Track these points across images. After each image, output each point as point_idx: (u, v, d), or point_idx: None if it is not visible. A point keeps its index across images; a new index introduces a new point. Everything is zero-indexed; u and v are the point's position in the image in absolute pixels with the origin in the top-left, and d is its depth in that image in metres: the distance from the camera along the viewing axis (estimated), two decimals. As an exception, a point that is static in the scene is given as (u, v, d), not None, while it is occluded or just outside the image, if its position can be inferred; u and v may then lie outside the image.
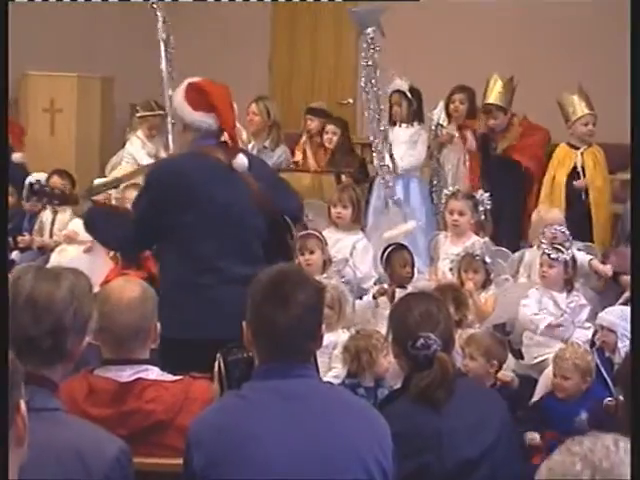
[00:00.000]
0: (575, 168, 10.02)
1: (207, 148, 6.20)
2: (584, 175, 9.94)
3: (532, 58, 12.06)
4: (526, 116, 10.49)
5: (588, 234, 9.56)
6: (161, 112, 11.11)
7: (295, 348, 3.92)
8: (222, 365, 5.01)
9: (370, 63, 10.13)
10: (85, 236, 9.42)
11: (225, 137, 6.27)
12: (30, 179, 10.37)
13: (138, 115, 11.65)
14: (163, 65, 10.51)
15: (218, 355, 5.07)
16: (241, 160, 5.94)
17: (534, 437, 6.54)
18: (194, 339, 5.72)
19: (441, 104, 10.69)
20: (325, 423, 3.82)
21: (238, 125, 9.17)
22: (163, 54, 10.46)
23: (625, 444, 2.35)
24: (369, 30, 10.06)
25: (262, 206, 6.15)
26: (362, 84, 10.20)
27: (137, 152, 11.52)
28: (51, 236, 10.16)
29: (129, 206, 6.83)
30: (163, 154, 10.74)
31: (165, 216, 6.03)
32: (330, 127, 11.57)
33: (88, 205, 6.45)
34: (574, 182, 10.14)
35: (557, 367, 6.90)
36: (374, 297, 8.38)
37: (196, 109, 6.14)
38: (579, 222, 9.42)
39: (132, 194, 7.54)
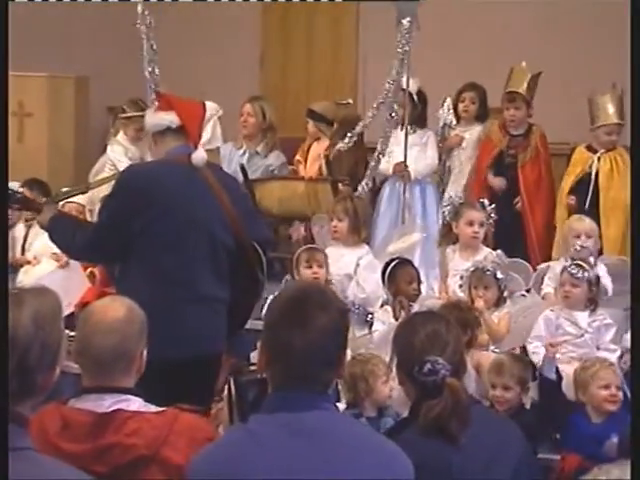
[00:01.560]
0: (590, 174, 9.96)
1: (181, 157, 6.34)
2: (596, 181, 9.87)
3: (542, 56, 12.04)
4: (544, 134, 10.45)
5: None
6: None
7: (313, 376, 3.87)
8: (233, 387, 5.05)
9: (403, 55, 10.29)
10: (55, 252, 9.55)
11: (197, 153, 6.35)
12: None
13: (124, 115, 11.62)
14: (145, 64, 10.50)
15: (229, 376, 5.13)
16: (197, 156, 6.00)
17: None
18: (161, 360, 5.42)
19: (448, 103, 10.62)
20: (345, 465, 3.75)
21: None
22: (146, 52, 10.46)
23: None
24: (405, 21, 10.20)
25: (232, 225, 6.27)
26: (394, 74, 10.29)
27: (119, 158, 11.51)
28: (23, 252, 10.14)
29: None
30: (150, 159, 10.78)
31: (132, 223, 6.14)
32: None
33: (52, 213, 6.66)
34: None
35: (583, 391, 6.93)
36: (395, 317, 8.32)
37: (156, 111, 6.47)
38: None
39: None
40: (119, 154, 11.55)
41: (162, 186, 6.24)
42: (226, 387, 6.02)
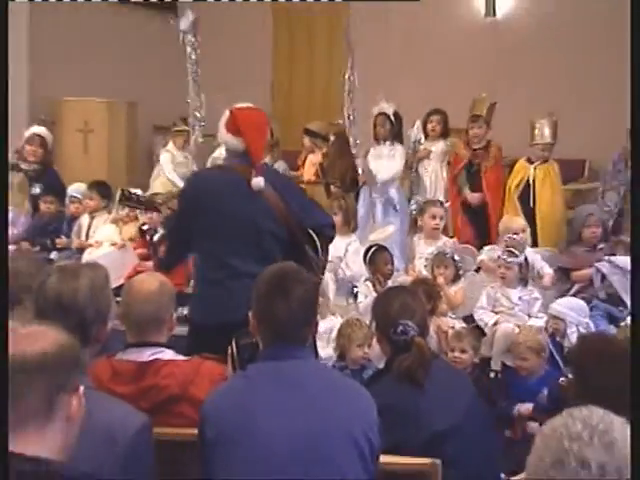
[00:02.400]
0: (529, 180, 9.99)
1: (234, 164, 6.26)
2: (534, 187, 9.89)
3: (500, 84, 12.03)
4: (500, 148, 10.48)
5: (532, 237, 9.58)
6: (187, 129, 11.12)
7: (293, 334, 3.98)
8: (234, 348, 5.09)
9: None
10: (115, 239, 9.64)
11: (255, 157, 6.26)
12: (72, 193, 10.50)
13: (176, 129, 11.62)
14: (190, 87, 10.50)
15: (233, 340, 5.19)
16: (256, 182, 5.99)
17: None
18: (211, 323, 5.81)
19: (418, 124, 10.66)
20: (318, 401, 3.83)
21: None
22: (191, 77, 10.47)
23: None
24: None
25: (281, 217, 6.18)
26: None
27: (166, 165, 11.61)
28: (87, 238, 10.16)
29: None
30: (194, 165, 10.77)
31: (193, 220, 6.11)
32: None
33: (166, 213, 6.86)
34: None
35: (514, 351, 6.96)
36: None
37: (227, 131, 6.25)
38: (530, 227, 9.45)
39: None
40: (167, 161, 11.60)
41: (215, 191, 6.17)
42: (229, 347, 6.12)
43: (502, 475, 5.05)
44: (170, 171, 11.51)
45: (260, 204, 6.12)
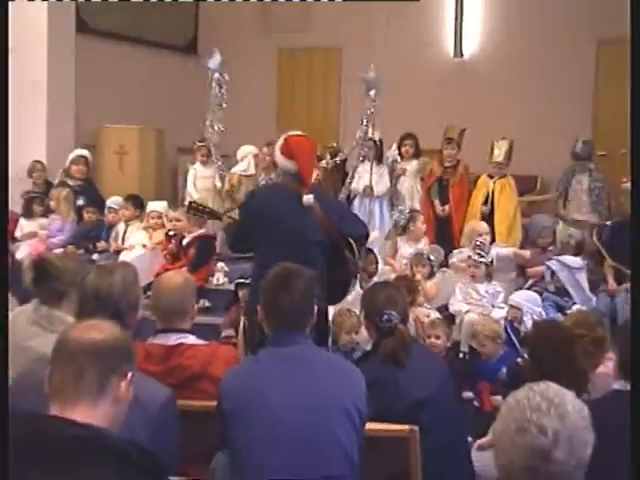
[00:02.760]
0: (489, 192, 9.98)
1: (287, 183, 6.43)
2: (493, 197, 9.90)
3: (467, 113, 12.04)
4: (467, 167, 10.49)
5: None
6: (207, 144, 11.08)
7: (295, 322, 4.02)
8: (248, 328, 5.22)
9: (369, 114, 10.36)
10: (146, 243, 9.68)
11: (305, 177, 6.44)
12: (110, 205, 10.53)
13: (200, 144, 11.56)
14: (215, 117, 10.50)
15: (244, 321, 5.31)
16: (306, 199, 6.15)
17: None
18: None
19: (394, 146, 10.69)
20: (316, 379, 3.88)
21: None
22: (216, 108, 10.46)
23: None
24: (371, 92, 10.34)
25: (324, 227, 6.31)
26: (363, 127, 10.33)
27: (188, 180, 11.60)
28: (122, 242, 10.17)
29: None
30: (218, 180, 10.73)
31: (252, 227, 6.28)
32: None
33: (227, 221, 6.99)
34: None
35: (475, 338, 6.98)
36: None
37: (282, 155, 6.40)
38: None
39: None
40: (190, 176, 11.57)
41: (272, 205, 6.30)
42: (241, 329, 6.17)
43: (469, 439, 5.06)
44: (190, 185, 11.48)
45: (308, 217, 6.27)
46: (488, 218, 9.69)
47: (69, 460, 2.42)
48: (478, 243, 8.45)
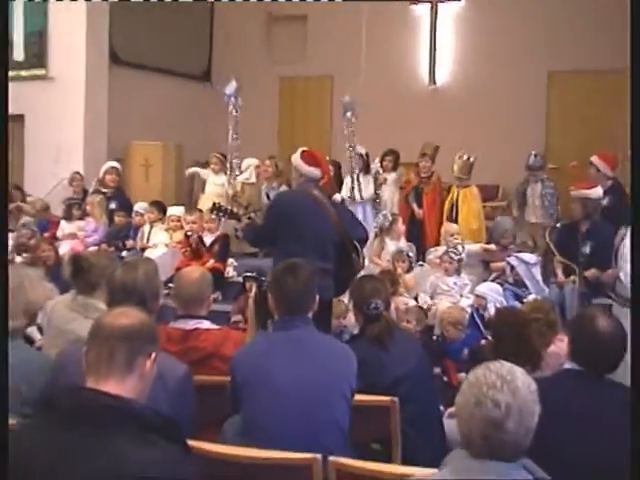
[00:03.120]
0: (454, 199, 10.01)
1: (308, 187, 6.48)
2: (457, 204, 9.92)
3: (440, 132, 12.04)
4: (439, 177, 10.50)
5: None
6: (222, 156, 11.08)
7: (299, 309, 4.04)
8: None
9: (346, 133, 10.36)
10: (167, 242, 9.65)
11: (322, 182, 6.66)
12: (138, 209, 10.52)
13: (216, 155, 11.48)
14: (230, 135, 10.51)
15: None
16: (337, 197, 6.29)
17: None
18: None
19: (377, 160, 10.68)
20: (315, 357, 3.88)
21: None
22: (230, 128, 10.49)
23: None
24: (348, 114, 10.33)
25: (337, 229, 6.37)
26: (347, 145, 10.32)
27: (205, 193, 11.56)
28: (147, 241, 10.16)
29: None
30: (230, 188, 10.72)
31: (277, 226, 6.28)
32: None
33: (246, 221, 6.80)
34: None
35: (440, 324, 6.97)
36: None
37: (307, 164, 6.52)
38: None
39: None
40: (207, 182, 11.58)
41: (293, 207, 6.37)
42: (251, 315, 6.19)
43: (441, 408, 5.06)
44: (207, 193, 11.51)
45: (326, 219, 6.34)
46: (453, 221, 9.69)
47: (102, 425, 2.45)
48: (453, 243, 8.47)
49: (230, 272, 9.38)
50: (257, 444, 3.56)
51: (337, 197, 6.31)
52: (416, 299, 7.99)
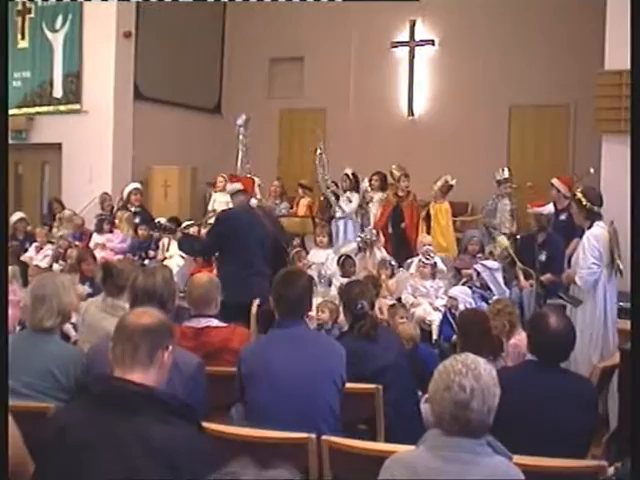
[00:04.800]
0: (429, 214, 10.03)
1: (245, 205, 6.69)
2: (429, 219, 9.98)
3: (417, 158, 12.04)
4: (415, 195, 10.48)
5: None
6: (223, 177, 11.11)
7: (296, 310, 4.01)
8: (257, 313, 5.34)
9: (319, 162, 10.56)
10: (180, 253, 9.61)
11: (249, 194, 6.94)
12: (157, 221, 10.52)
13: (221, 176, 11.53)
14: (240, 159, 10.57)
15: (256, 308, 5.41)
16: (253, 201, 6.74)
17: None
18: (237, 302, 5.76)
19: (365, 180, 10.64)
20: (311, 352, 3.88)
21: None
22: (240, 153, 10.57)
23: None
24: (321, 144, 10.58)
25: (271, 238, 6.51)
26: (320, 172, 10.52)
27: (210, 204, 11.60)
28: (166, 251, 10.12)
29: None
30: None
31: (223, 239, 6.34)
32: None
33: (180, 235, 7.00)
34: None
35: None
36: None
37: (232, 182, 6.93)
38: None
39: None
40: (211, 202, 11.58)
41: (237, 220, 6.45)
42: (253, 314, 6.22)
43: (419, 393, 5.05)
44: (211, 205, 11.60)
45: (264, 230, 6.50)
46: (428, 233, 9.65)
47: (129, 408, 2.49)
48: (425, 250, 8.45)
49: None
50: (258, 426, 3.55)
51: (253, 202, 6.52)
52: (399, 300, 7.96)
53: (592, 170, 9.30)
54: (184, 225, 8.84)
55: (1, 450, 2.57)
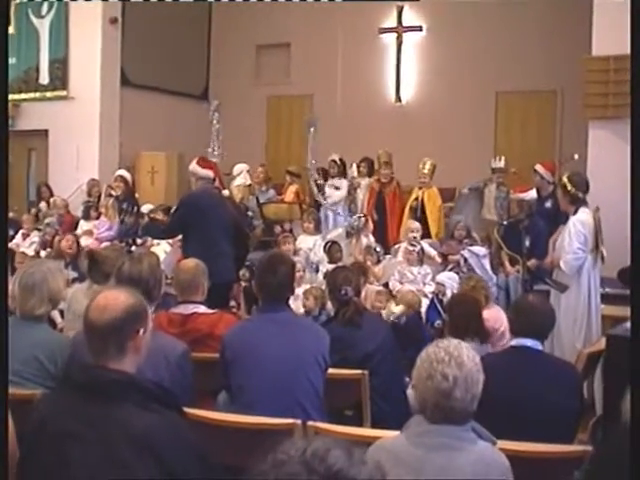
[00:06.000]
0: (418, 199, 9.93)
1: (209, 187, 6.80)
2: (422, 203, 9.84)
3: (403, 143, 12.02)
4: (399, 182, 10.48)
5: (427, 234, 9.47)
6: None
7: (279, 295, 3.99)
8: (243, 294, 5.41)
9: (311, 147, 10.65)
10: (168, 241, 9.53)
11: (217, 182, 7.06)
12: (144, 211, 10.46)
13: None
14: (214, 141, 10.53)
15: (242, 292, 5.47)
16: (225, 192, 6.94)
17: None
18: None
19: (353, 167, 10.66)
20: (295, 336, 3.86)
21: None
22: (214, 139, 10.51)
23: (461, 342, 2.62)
24: (311, 129, 10.63)
25: (233, 220, 6.69)
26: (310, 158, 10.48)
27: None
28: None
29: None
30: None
31: (187, 220, 6.45)
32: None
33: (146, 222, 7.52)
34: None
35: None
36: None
37: (204, 168, 6.84)
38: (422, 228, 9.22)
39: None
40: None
41: (202, 202, 6.53)
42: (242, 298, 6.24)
43: (407, 379, 5.06)
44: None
45: (226, 211, 6.66)
46: (419, 218, 9.51)
47: (110, 396, 2.46)
48: (411, 237, 8.44)
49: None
50: (245, 410, 3.57)
51: (225, 192, 6.63)
52: (386, 286, 7.97)
53: (576, 156, 9.31)
54: (149, 210, 8.96)
55: (1, 441, 2.55)
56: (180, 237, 7.11)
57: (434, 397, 2.49)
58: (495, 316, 5.61)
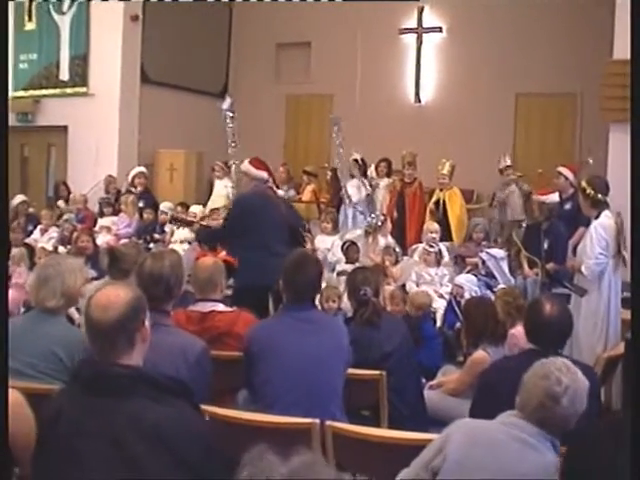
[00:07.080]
0: (440, 200, 9.90)
1: (262, 188, 6.56)
2: (444, 205, 9.80)
3: (423, 143, 11.99)
4: (421, 183, 10.45)
5: (449, 235, 9.47)
6: (224, 163, 11.26)
7: (306, 294, 4.03)
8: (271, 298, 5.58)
9: (338, 143, 10.49)
10: (188, 237, 9.53)
11: (270, 183, 6.73)
12: (163, 208, 10.48)
13: (216, 164, 11.67)
14: (229, 141, 10.51)
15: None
16: (281, 192, 6.35)
17: None
18: (252, 285, 5.96)
19: (372, 166, 10.74)
20: (319, 334, 3.89)
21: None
22: (230, 137, 10.47)
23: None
24: (335, 128, 10.54)
25: (286, 220, 6.40)
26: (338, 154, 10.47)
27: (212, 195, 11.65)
28: (171, 236, 10.09)
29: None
30: (230, 189, 10.67)
31: (241, 223, 6.26)
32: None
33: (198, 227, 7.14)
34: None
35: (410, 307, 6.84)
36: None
37: (257, 169, 6.58)
38: (443, 230, 9.22)
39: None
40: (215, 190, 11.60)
41: (253, 204, 6.37)
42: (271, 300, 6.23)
43: (423, 380, 5.06)
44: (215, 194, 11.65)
45: (280, 214, 6.37)
46: (442, 220, 9.51)
47: (119, 390, 2.47)
48: (429, 238, 8.44)
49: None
50: (266, 409, 3.58)
51: (280, 193, 6.48)
52: (404, 287, 7.95)
53: (590, 161, 9.28)
54: (199, 217, 9.00)
55: (2, 442, 2.56)
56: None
57: (541, 396, 2.65)
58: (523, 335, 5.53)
